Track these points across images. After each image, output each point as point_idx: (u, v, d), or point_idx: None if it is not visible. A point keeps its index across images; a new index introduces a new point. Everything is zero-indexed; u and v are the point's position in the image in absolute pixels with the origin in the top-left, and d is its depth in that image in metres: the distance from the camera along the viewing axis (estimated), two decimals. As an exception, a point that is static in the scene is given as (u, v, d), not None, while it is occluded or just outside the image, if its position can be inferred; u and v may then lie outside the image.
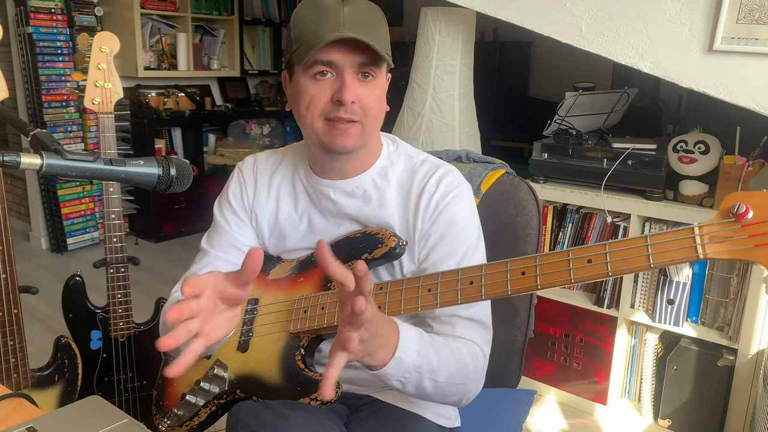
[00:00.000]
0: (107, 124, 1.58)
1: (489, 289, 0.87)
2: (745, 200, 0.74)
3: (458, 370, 0.95)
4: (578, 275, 0.81)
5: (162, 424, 1.15)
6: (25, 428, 0.79)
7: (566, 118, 2.23)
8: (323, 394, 0.70)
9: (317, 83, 0.96)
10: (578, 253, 0.81)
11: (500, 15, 2.06)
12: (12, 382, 1.45)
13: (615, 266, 0.79)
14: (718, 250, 0.75)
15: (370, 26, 0.95)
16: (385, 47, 0.97)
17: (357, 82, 0.96)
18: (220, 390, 1.09)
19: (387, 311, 0.94)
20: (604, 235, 2.10)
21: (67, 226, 3.88)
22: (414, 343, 0.87)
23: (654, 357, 2.11)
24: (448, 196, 1.04)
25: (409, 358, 0.85)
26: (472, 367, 0.97)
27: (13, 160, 0.67)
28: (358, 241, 1.06)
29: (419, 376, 0.88)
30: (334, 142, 0.98)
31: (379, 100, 1.00)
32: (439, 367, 0.91)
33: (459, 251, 1.03)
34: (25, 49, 3.64)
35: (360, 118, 0.97)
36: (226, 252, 1.14)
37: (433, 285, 0.92)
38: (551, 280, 0.83)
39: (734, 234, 0.74)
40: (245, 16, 4.65)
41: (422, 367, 0.88)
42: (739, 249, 0.74)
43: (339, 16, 0.93)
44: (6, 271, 1.41)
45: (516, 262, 0.86)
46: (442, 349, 0.92)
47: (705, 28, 1.74)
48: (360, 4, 0.96)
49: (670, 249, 0.77)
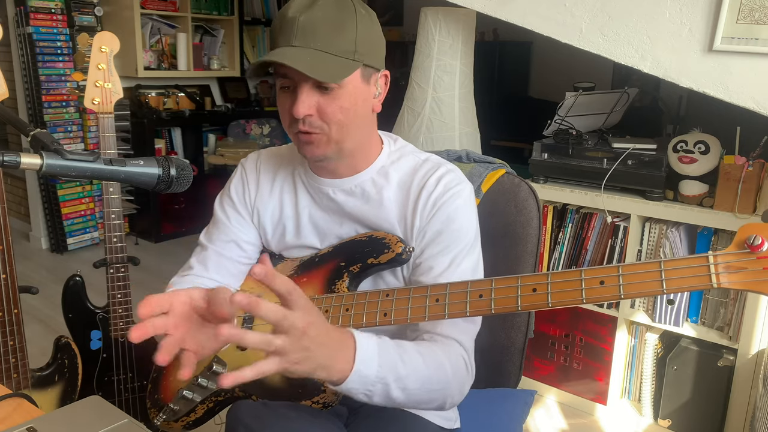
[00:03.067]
0: (107, 124, 1.58)
1: (499, 304, 0.87)
2: (761, 232, 0.75)
3: (432, 375, 0.91)
4: (590, 296, 0.81)
5: (157, 418, 1.14)
6: (25, 428, 0.79)
7: (566, 118, 2.23)
8: (221, 382, 0.69)
9: (283, 95, 0.98)
10: (591, 274, 0.82)
11: (500, 15, 2.06)
12: (12, 382, 1.44)
13: (628, 289, 0.80)
14: (732, 281, 0.76)
15: (328, 32, 0.92)
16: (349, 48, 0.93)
17: (314, 93, 0.94)
18: (218, 387, 1.08)
19: (393, 319, 0.93)
20: (604, 235, 2.10)
21: (67, 226, 3.88)
22: (374, 353, 0.83)
23: (654, 357, 2.11)
24: (447, 194, 1.03)
25: (370, 371, 0.82)
26: (450, 370, 0.94)
27: (13, 160, 0.67)
28: (363, 245, 1.05)
29: (385, 387, 0.85)
30: (304, 152, 1.01)
31: (345, 108, 0.96)
32: (408, 374, 0.87)
33: (454, 249, 1.02)
34: (25, 49, 3.64)
35: (320, 130, 0.96)
36: (224, 247, 1.15)
37: (441, 296, 0.91)
38: (563, 299, 0.83)
39: (749, 265, 0.75)
40: (245, 16, 4.65)
41: (387, 377, 0.84)
42: (753, 281, 0.75)
43: (293, 28, 0.92)
44: (6, 271, 1.41)
45: (527, 278, 0.86)
46: (409, 355, 0.89)
47: (705, 28, 1.74)
48: (321, 9, 0.92)
49: (684, 276, 0.78)
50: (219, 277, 1.15)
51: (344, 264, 1.05)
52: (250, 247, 1.16)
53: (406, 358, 0.88)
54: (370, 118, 1.04)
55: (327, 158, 1.01)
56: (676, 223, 1.98)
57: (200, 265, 1.15)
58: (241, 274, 1.18)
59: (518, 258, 1.25)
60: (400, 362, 0.87)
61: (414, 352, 0.91)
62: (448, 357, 0.95)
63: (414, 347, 0.93)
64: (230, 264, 1.15)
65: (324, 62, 0.91)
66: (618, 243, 2.07)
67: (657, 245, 2.01)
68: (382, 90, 1.04)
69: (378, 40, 1.00)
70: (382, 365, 0.84)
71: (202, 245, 1.17)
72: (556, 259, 2.20)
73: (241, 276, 1.18)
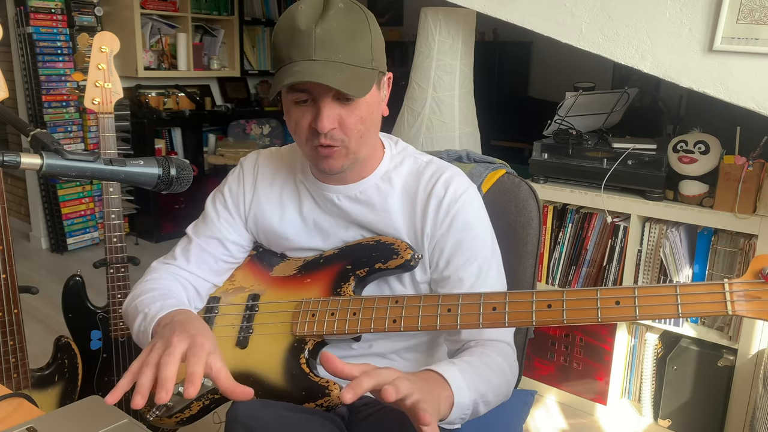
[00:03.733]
0: (107, 124, 1.58)
1: (513, 318, 0.88)
2: None
3: (501, 382, 0.97)
4: (605, 315, 0.83)
5: (149, 414, 1.12)
6: (25, 428, 0.79)
7: (566, 118, 2.23)
8: (344, 398, 0.72)
9: (298, 108, 0.95)
10: (607, 294, 0.83)
11: (500, 15, 2.06)
12: (12, 382, 1.44)
13: (643, 311, 0.81)
14: (747, 309, 0.78)
15: (347, 42, 0.91)
16: (367, 57, 0.93)
17: (336, 105, 0.93)
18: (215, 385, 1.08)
19: (403, 326, 0.94)
20: (604, 235, 2.10)
21: (67, 226, 3.88)
22: (463, 382, 0.88)
23: (654, 357, 2.11)
24: (458, 201, 1.03)
25: (465, 399, 0.87)
26: (508, 369, 1.00)
27: (13, 160, 0.67)
28: (371, 249, 1.05)
29: (475, 407, 0.91)
30: (321, 166, 0.99)
31: (364, 118, 0.96)
32: (488, 390, 0.93)
33: (479, 256, 1.03)
34: (25, 49, 3.64)
35: (341, 143, 0.96)
36: (208, 243, 1.15)
37: (453, 306, 0.91)
38: (578, 317, 0.85)
39: (762, 295, 0.78)
40: (245, 16, 4.65)
41: (477, 399, 0.90)
42: (766, 310, 0.78)
43: (311, 41, 0.89)
44: (6, 271, 1.41)
45: (542, 294, 0.87)
46: (482, 371, 0.94)
47: (705, 28, 1.74)
48: (335, 19, 0.90)
49: (700, 302, 0.80)
50: (199, 272, 1.15)
51: (351, 267, 1.05)
52: (234, 246, 1.16)
53: (481, 374, 0.93)
54: (379, 123, 1.04)
55: (344, 170, 1.00)
56: (676, 223, 1.98)
57: (182, 256, 1.16)
58: (222, 271, 1.17)
59: (519, 258, 1.25)
60: (480, 381, 0.92)
61: (482, 365, 0.95)
62: (506, 359, 1.00)
63: (480, 360, 0.96)
64: (212, 260, 1.15)
65: (351, 75, 0.90)
66: (618, 243, 2.07)
67: (657, 245, 2.01)
68: (387, 92, 1.04)
69: (383, 42, 1.00)
70: (471, 389, 0.89)
71: (188, 236, 1.17)
72: (556, 259, 2.20)
73: (222, 273, 1.17)
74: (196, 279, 1.15)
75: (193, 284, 1.15)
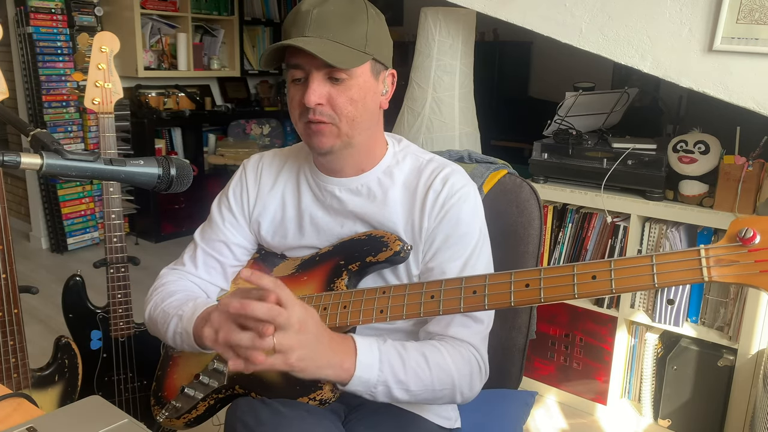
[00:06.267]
0: (107, 124, 1.58)
1: (492, 300, 0.88)
2: (753, 225, 0.75)
3: (435, 379, 0.96)
4: (582, 290, 0.82)
5: (160, 415, 1.16)
6: (25, 428, 0.79)
7: (566, 118, 2.23)
8: (231, 365, 0.81)
9: (294, 86, 0.99)
10: (583, 269, 0.82)
11: (500, 15, 2.06)
12: (12, 382, 1.44)
13: (619, 284, 0.80)
14: (724, 274, 0.76)
15: (340, 24, 0.95)
16: (361, 41, 0.96)
17: (326, 83, 0.96)
18: (219, 384, 1.09)
19: (389, 316, 0.94)
20: (604, 235, 2.10)
21: (67, 226, 3.88)
22: (374, 360, 0.91)
23: (654, 357, 2.11)
24: (454, 197, 1.04)
25: (371, 375, 0.91)
26: (456, 371, 0.97)
27: (13, 160, 0.67)
28: (362, 244, 1.06)
29: (386, 389, 0.93)
30: (312, 143, 1.01)
31: (354, 100, 0.98)
32: (408, 378, 0.93)
33: (464, 253, 1.03)
34: (25, 49, 3.64)
35: (331, 120, 0.98)
36: (213, 247, 1.17)
37: (436, 292, 0.92)
38: (555, 294, 0.84)
39: (740, 258, 0.75)
40: (245, 16, 4.65)
41: (388, 380, 0.92)
42: (744, 273, 0.75)
43: (307, 20, 0.94)
44: (6, 271, 1.41)
45: (520, 273, 0.86)
46: (411, 359, 0.94)
47: (705, 28, 1.74)
48: (334, 4, 0.96)
49: (676, 270, 0.78)
50: (207, 276, 1.18)
51: (343, 262, 1.06)
52: (239, 249, 1.18)
53: (408, 361, 0.94)
54: (378, 115, 1.05)
55: (334, 151, 1.01)
56: (676, 223, 1.98)
57: (191, 262, 1.18)
58: (230, 275, 1.20)
59: (520, 258, 1.25)
60: (401, 366, 0.93)
61: (417, 354, 0.96)
62: (454, 358, 0.98)
63: (418, 349, 0.97)
64: (218, 265, 1.18)
65: (336, 50, 0.94)
66: (618, 243, 2.07)
67: (657, 245, 2.01)
68: (390, 89, 1.06)
69: (386, 39, 1.03)
70: (383, 370, 0.92)
71: (195, 242, 1.20)
72: (556, 259, 2.20)
73: (229, 276, 1.20)
74: (206, 284, 1.18)
75: (204, 289, 1.18)
